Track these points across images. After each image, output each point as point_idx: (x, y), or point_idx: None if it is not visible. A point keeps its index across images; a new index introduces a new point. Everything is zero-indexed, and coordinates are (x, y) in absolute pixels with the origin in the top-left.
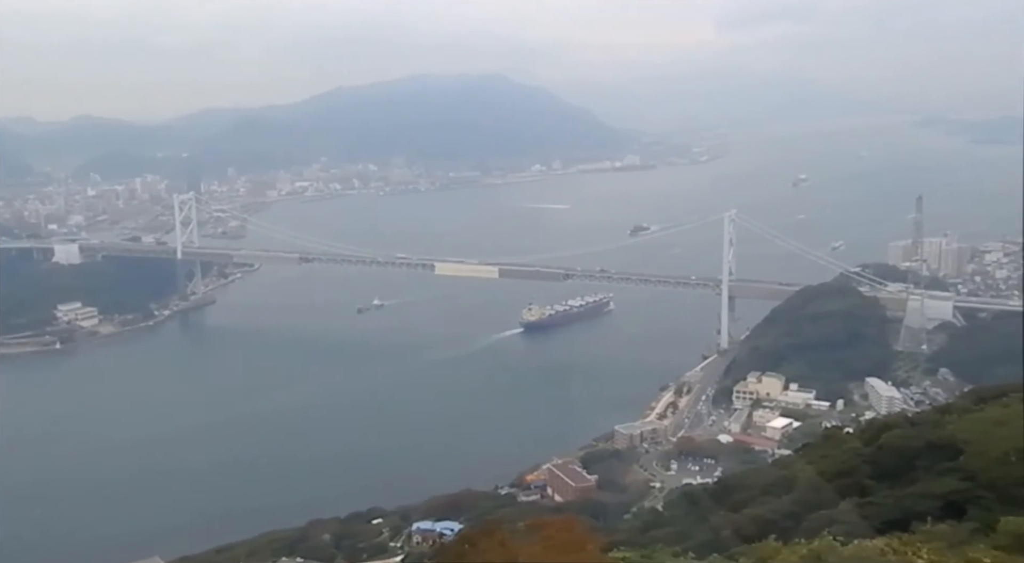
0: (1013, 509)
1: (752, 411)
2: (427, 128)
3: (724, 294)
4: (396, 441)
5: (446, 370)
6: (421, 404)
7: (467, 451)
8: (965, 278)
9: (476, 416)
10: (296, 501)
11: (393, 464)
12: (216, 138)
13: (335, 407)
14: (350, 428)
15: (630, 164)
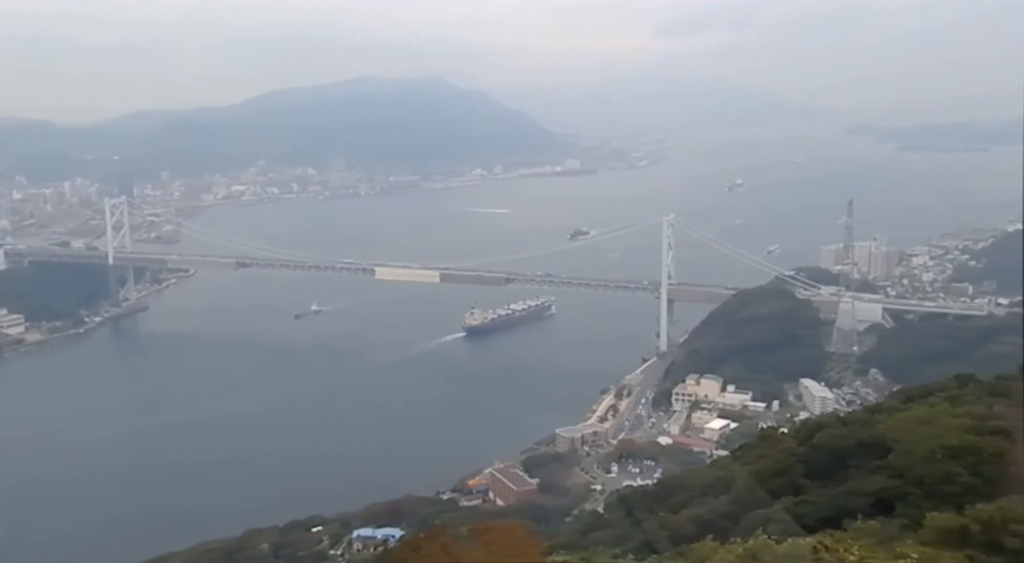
0: (939, 505)
1: (691, 413)
2: (368, 131)
3: (663, 298)
4: (335, 447)
5: (386, 375)
6: (361, 409)
7: (408, 456)
8: (893, 281)
9: (417, 421)
10: (233, 509)
11: (332, 470)
12: (149, 140)
13: (272, 413)
14: (287, 434)
15: (570, 169)
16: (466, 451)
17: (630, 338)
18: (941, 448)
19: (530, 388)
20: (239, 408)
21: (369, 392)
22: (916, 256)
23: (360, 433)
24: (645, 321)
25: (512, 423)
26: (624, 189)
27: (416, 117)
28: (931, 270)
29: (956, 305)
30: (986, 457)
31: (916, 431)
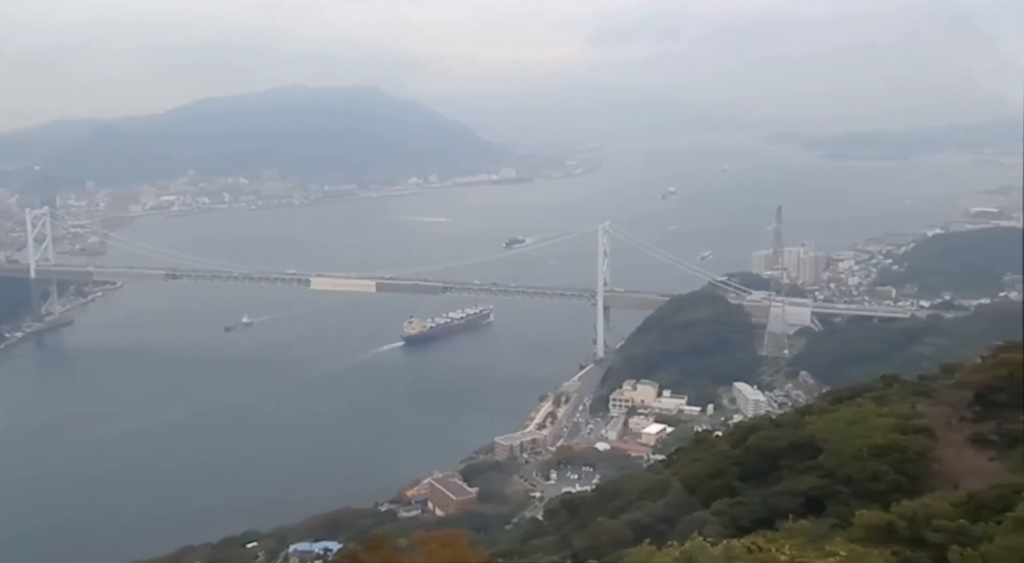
0: (867, 503)
1: (628, 418)
2: (300, 140)
3: (599, 304)
4: (269, 460)
5: (322, 386)
6: (295, 421)
7: (346, 468)
8: (821, 285)
9: (354, 431)
10: (163, 526)
11: (267, 484)
12: (72, 149)
13: (203, 428)
14: (218, 448)
15: (506, 177)
16: (404, 461)
17: (567, 345)
18: (868, 447)
19: (469, 396)
20: (166, 423)
21: (304, 403)
22: (842, 261)
23: (295, 445)
24: (582, 328)
25: (451, 432)
26: (560, 197)
27: (350, 125)
28: (857, 274)
29: (881, 308)
30: (910, 455)
31: (844, 431)
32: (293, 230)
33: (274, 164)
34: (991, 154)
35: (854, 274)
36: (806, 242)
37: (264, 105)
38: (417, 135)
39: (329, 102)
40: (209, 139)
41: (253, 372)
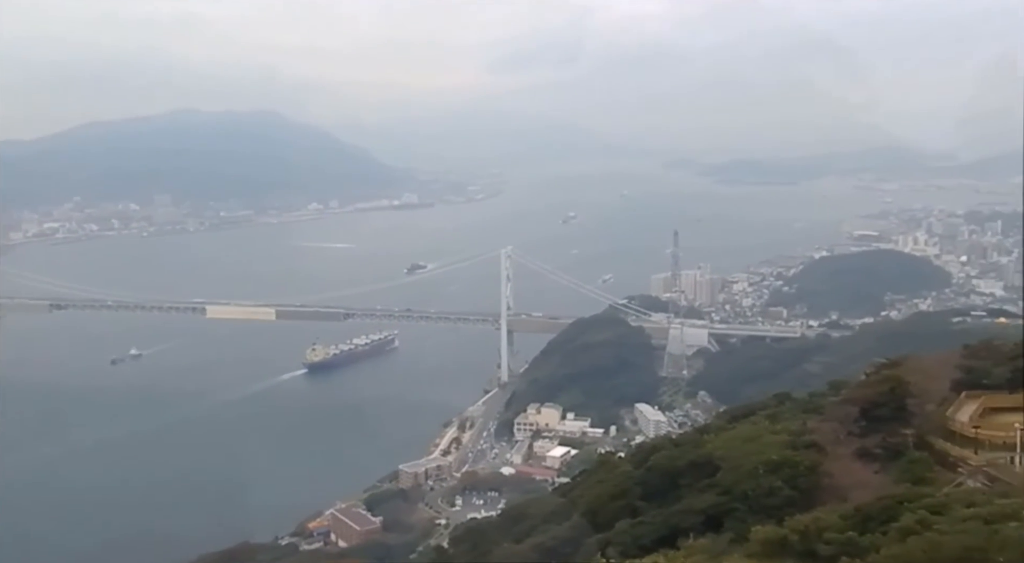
0: (763, 518)
1: (532, 442)
2: (195, 165)
3: (503, 328)
4: (161, 497)
5: (218, 417)
6: (186, 455)
7: (244, 501)
8: (717, 306)
9: (252, 463)
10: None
11: (159, 522)
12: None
13: (88, 466)
14: (106, 487)
15: (408, 202)
16: (306, 492)
17: (472, 369)
18: (763, 464)
19: (373, 424)
20: (47, 462)
21: (196, 436)
22: (737, 283)
23: (188, 480)
24: (486, 352)
25: (354, 460)
26: (462, 222)
27: (247, 150)
28: (750, 296)
29: (773, 328)
30: (802, 470)
31: (741, 449)
32: (188, 257)
33: (167, 189)
34: (870, 180)
35: (748, 296)
36: (702, 265)
37: (156, 129)
38: (317, 160)
39: (225, 126)
40: (96, 164)
41: (140, 405)
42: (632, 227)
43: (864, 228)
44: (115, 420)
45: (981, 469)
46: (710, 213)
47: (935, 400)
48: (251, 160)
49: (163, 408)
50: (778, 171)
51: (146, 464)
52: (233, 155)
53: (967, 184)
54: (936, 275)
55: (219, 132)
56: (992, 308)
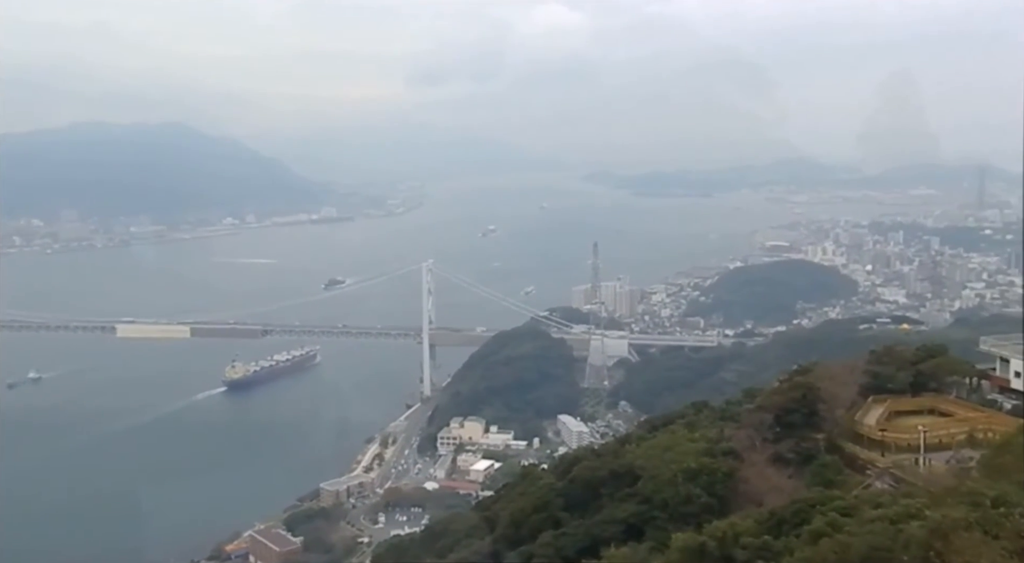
0: (682, 526)
1: (456, 456)
2: (103, 180)
3: (425, 343)
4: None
5: (130, 440)
6: (95, 481)
7: (157, 525)
8: (637, 317)
9: (167, 487)
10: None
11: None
12: None
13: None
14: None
15: (327, 216)
16: (224, 514)
17: (394, 384)
18: (682, 472)
19: (294, 441)
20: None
21: (106, 460)
22: (655, 293)
23: (94, 507)
24: (409, 367)
25: (274, 480)
26: (382, 235)
27: (158, 164)
28: (668, 306)
29: (691, 338)
30: (719, 477)
31: (660, 458)
32: (95, 275)
33: (72, 205)
34: (781, 192)
35: (666, 306)
36: (622, 276)
37: (61, 141)
38: (232, 173)
39: (135, 139)
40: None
41: (39, 431)
42: (552, 239)
43: (776, 239)
44: (8, 447)
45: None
46: (628, 225)
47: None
48: (162, 174)
49: (65, 433)
50: (694, 183)
51: (47, 492)
52: (143, 169)
53: (871, 196)
54: (844, 284)
55: (128, 145)
56: (896, 315)
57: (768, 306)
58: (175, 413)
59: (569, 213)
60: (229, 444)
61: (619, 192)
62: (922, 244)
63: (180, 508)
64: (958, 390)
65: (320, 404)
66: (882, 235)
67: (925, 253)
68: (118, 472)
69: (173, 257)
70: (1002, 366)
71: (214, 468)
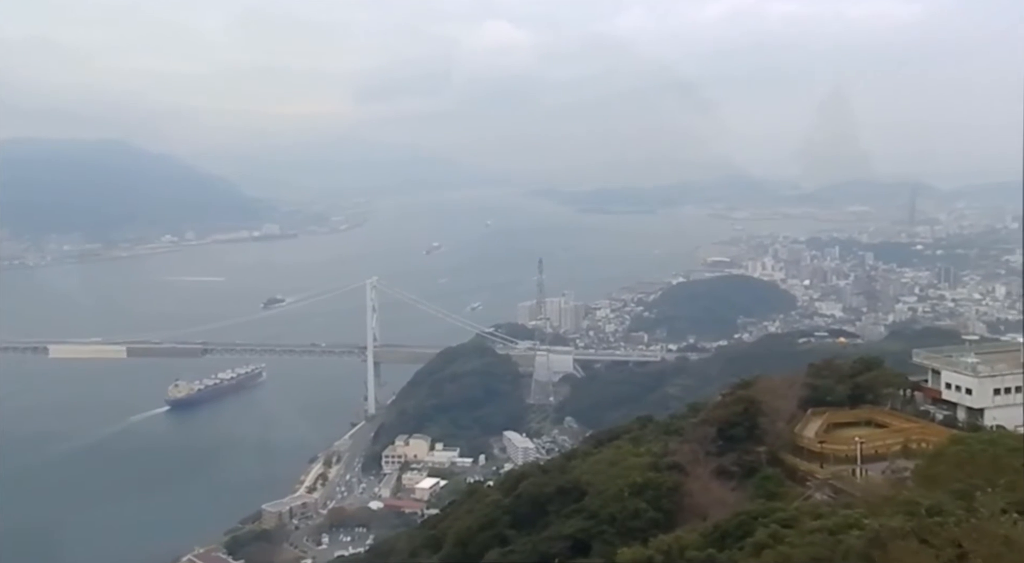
0: (629, 540)
1: (401, 474)
2: (35, 197)
3: (369, 360)
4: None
5: (64, 465)
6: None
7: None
8: (582, 333)
9: (103, 512)
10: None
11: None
12: None
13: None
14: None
15: (269, 233)
16: (162, 539)
17: (339, 403)
18: (628, 486)
19: (237, 461)
20: None
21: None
22: (599, 309)
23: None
24: (353, 385)
25: (215, 501)
26: (326, 252)
27: (94, 180)
28: (613, 321)
29: (635, 352)
30: (665, 491)
31: (606, 473)
32: (28, 294)
33: (3, 222)
34: (722, 209)
35: (611, 321)
36: (566, 292)
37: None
38: (171, 190)
39: (70, 155)
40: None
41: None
42: (498, 256)
43: (717, 254)
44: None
45: (827, 482)
46: (574, 241)
47: (785, 418)
48: (99, 191)
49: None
50: (638, 200)
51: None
52: (78, 186)
53: (809, 212)
54: (783, 298)
55: (63, 161)
56: (833, 328)
57: (710, 321)
58: (113, 435)
59: (515, 230)
60: (169, 466)
61: (565, 209)
62: (857, 259)
63: (117, 534)
64: (893, 402)
65: (264, 423)
66: (819, 250)
67: (860, 268)
68: (52, 499)
69: (109, 275)
70: (934, 378)
71: (153, 491)
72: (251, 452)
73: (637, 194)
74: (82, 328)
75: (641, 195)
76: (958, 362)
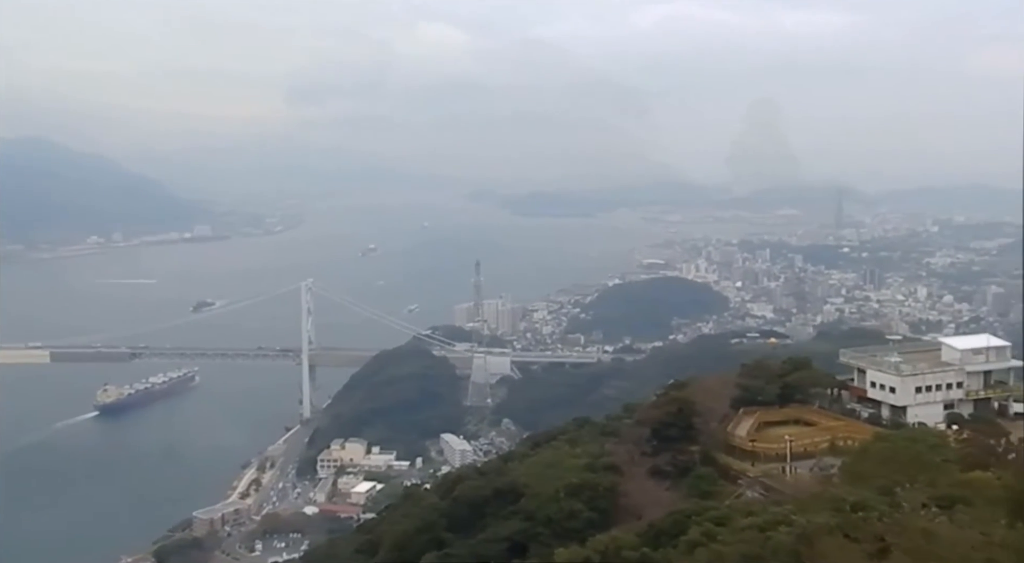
0: (566, 541)
1: (337, 479)
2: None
3: (304, 363)
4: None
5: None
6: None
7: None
8: (519, 335)
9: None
10: None
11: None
12: None
13: None
14: None
15: (201, 235)
16: (89, 548)
17: (273, 407)
18: (565, 487)
19: (167, 468)
20: None
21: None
22: (536, 311)
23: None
24: (288, 388)
25: (145, 510)
26: (260, 254)
27: (14, 180)
28: (550, 323)
29: (572, 354)
30: (601, 492)
31: (543, 474)
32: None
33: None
34: (656, 212)
35: (547, 323)
36: (504, 294)
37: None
38: (98, 191)
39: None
40: None
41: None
42: (435, 258)
43: (652, 257)
44: None
45: (758, 480)
46: (511, 244)
47: (718, 418)
48: (19, 191)
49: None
50: (575, 203)
51: None
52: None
53: (741, 215)
54: (716, 300)
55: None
56: (764, 329)
57: (646, 322)
58: (37, 443)
59: (452, 232)
60: (97, 473)
61: (502, 211)
62: (787, 261)
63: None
64: (821, 401)
65: (196, 428)
66: (751, 253)
67: (790, 270)
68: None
69: (31, 278)
70: (860, 377)
71: (79, 500)
72: (182, 458)
73: (574, 198)
74: (2, 333)
75: (578, 199)
76: (882, 362)
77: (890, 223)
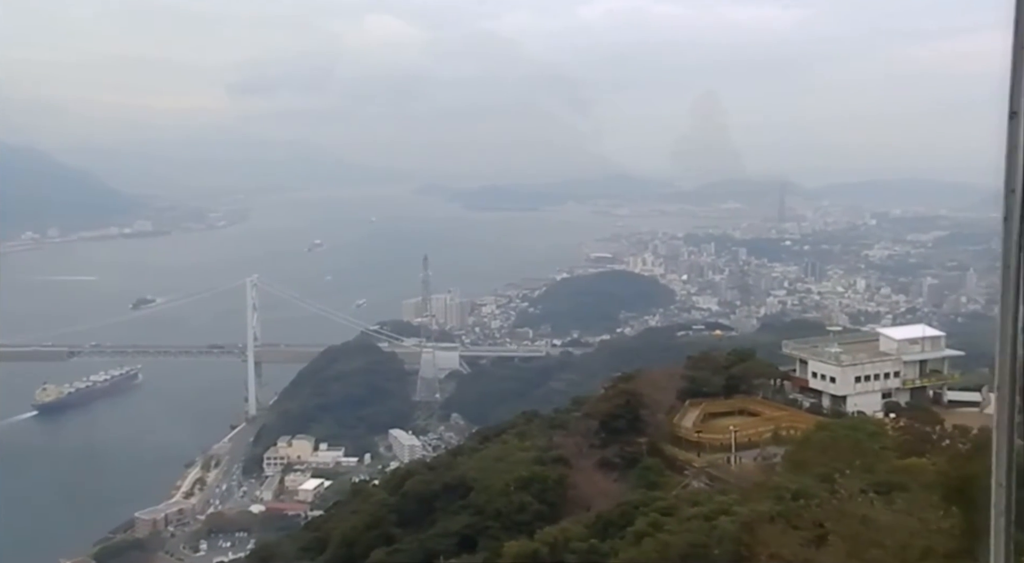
0: (515, 534)
1: (284, 476)
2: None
3: (250, 360)
4: None
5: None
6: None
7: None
8: (467, 329)
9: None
10: None
11: None
12: None
13: None
14: None
15: (141, 230)
16: (26, 551)
17: (218, 404)
18: (514, 481)
19: (108, 468)
20: None
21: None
22: (485, 305)
23: None
24: (233, 386)
25: (85, 511)
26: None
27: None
28: (498, 318)
29: (521, 348)
30: (550, 484)
31: (492, 468)
32: None
33: None
34: (604, 206)
35: (496, 318)
36: (452, 289)
37: None
38: (30, 184)
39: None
40: None
41: None
42: (383, 253)
43: (600, 250)
44: None
45: (704, 470)
46: (459, 238)
47: (665, 409)
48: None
49: None
50: (523, 197)
51: None
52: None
53: (686, 209)
54: (662, 293)
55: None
56: (710, 322)
57: (593, 315)
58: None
59: (400, 226)
60: (35, 474)
61: (451, 205)
62: (731, 254)
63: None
64: (765, 391)
65: (139, 427)
66: (696, 246)
67: (734, 263)
68: None
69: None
70: (801, 367)
71: (16, 502)
72: (124, 458)
73: (522, 191)
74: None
75: (526, 192)
76: (823, 352)
77: (831, 216)
